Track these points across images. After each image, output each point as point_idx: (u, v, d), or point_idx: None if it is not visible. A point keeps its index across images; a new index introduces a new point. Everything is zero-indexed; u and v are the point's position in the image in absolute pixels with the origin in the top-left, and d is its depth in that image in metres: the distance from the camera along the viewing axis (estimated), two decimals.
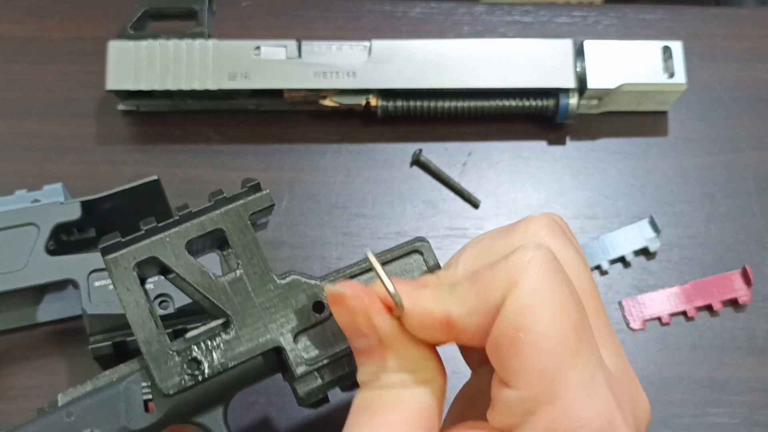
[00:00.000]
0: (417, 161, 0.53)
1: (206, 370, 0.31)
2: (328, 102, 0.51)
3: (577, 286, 0.27)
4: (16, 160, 0.52)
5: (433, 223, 0.51)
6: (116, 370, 0.32)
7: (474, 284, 0.27)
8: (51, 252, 0.44)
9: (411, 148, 0.53)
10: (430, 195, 0.52)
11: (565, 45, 0.52)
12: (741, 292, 0.49)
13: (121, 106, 0.52)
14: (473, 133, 0.54)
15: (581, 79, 0.51)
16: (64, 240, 0.45)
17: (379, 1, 0.57)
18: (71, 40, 0.55)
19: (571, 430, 0.25)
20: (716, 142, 0.54)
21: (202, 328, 0.32)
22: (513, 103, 0.52)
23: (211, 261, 0.40)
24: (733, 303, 0.49)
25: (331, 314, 0.32)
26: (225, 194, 0.33)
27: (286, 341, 0.32)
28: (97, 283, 0.43)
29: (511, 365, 0.26)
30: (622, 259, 0.50)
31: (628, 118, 0.54)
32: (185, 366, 0.31)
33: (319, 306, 0.33)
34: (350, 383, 0.33)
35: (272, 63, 0.50)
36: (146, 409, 0.32)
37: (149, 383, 0.32)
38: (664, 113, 0.55)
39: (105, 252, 0.31)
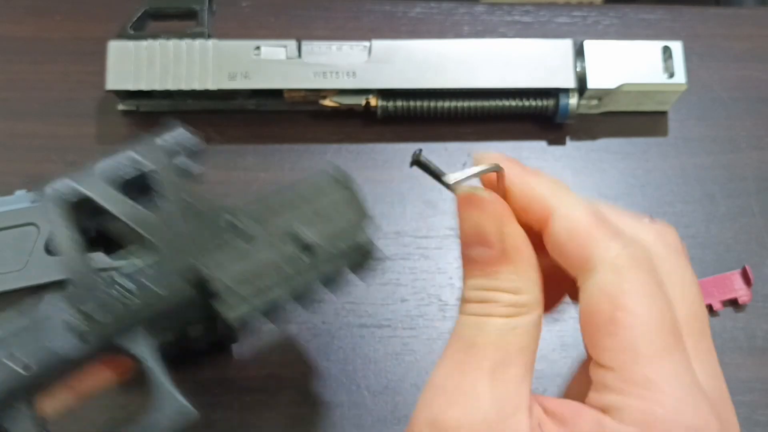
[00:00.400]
0: (417, 161, 0.52)
1: (130, 292, 0.32)
2: (328, 102, 0.51)
3: (689, 305, 0.28)
4: (16, 160, 0.52)
5: (433, 223, 0.51)
6: (41, 297, 0.33)
7: (595, 221, 0.28)
8: (50, 252, 0.44)
9: (411, 148, 0.53)
10: (430, 195, 0.52)
11: (565, 45, 0.52)
12: (741, 292, 0.49)
13: (121, 106, 0.52)
14: (473, 133, 0.54)
15: (581, 79, 0.51)
16: None
17: (379, 1, 0.57)
18: (71, 40, 0.55)
19: (665, 420, 0.24)
20: (716, 142, 0.54)
21: (129, 259, 0.34)
22: (513, 103, 0.52)
23: None
24: (733, 303, 0.49)
25: (252, 237, 0.33)
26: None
27: (209, 266, 0.33)
28: None
29: (605, 343, 0.26)
30: None
31: (628, 118, 0.54)
32: (112, 290, 0.32)
33: (233, 226, 0.34)
34: (277, 311, 0.34)
35: (272, 63, 0.50)
36: (76, 335, 0.32)
37: (76, 309, 0.32)
38: (664, 113, 0.55)
39: (45, 186, 0.34)
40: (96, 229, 0.47)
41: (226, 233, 0.33)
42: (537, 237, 0.29)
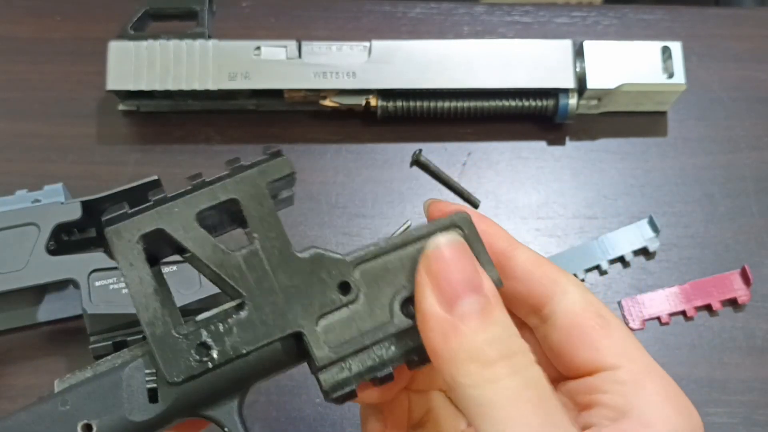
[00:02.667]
0: (417, 161, 0.53)
1: (216, 356, 0.28)
2: (328, 102, 0.51)
3: None
4: (16, 160, 0.52)
5: None
6: (119, 355, 0.29)
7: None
8: (51, 252, 0.44)
9: (411, 148, 0.53)
10: (430, 195, 0.52)
11: (565, 45, 0.52)
12: (740, 292, 0.49)
13: (121, 107, 0.52)
14: (473, 133, 0.54)
15: (581, 80, 0.51)
16: (64, 240, 0.45)
17: (379, 1, 0.57)
18: (71, 40, 0.55)
19: (679, 393, 0.29)
20: (715, 142, 0.54)
21: (215, 310, 0.29)
22: (513, 103, 0.52)
23: None
24: (733, 303, 0.49)
25: (358, 296, 0.29)
26: (242, 162, 0.29)
27: (307, 325, 0.29)
28: (97, 283, 0.43)
29: (604, 344, 0.28)
30: (621, 259, 0.50)
31: (628, 119, 0.54)
32: (193, 351, 0.28)
33: (345, 286, 0.29)
34: (381, 377, 0.29)
35: (272, 63, 0.50)
36: (150, 399, 0.28)
37: (153, 370, 0.28)
38: (663, 113, 0.55)
39: (108, 223, 0.28)
40: (96, 230, 0.47)
41: (328, 289, 0.29)
42: None
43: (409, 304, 0.29)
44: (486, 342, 0.26)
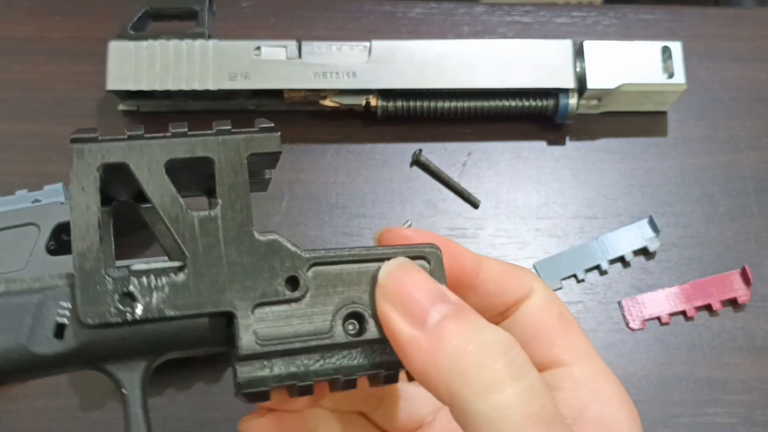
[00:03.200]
0: (417, 161, 0.53)
1: (138, 311, 0.26)
2: (328, 102, 0.51)
3: None
4: (16, 160, 0.52)
5: (433, 223, 0.51)
6: (39, 278, 0.27)
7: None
8: (52, 252, 0.44)
9: (411, 148, 0.53)
10: (430, 195, 0.52)
11: (565, 45, 0.52)
12: (740, 291, 0.49)
13: (121, 107, 0.52)
14: (473, 133, 0.54)
15: (581, 80, 0.51)
16: (64, 240, 0.45)
17: (379, 1, 0.57)
18: (71, 40, 0.55)
19: (629, 397, 0.30)
20: (715, 142, 0.54)
21: (153, 264, 0.27)
22: (513, 103, 0.52)
23: None
24: (733, 303, 0.49)
25: (303, 296, 0.27)
26: (231, 127, 0.28)
27: (242, 308, 0.27)
28: None
29: (562, 341, 0.29)
30: (621, 259, 0.50)
31: (628, 118, 0.54)
32: (117, 298, 0.26)
33: (293, 281, 0.27)
34: (300, 387, 0.27)
35: (272, 63, 0.50)
36: (56, 334, 0.26)
37: (69, 305, 0.26)
38: (663, 113, 0.55)
39: (75, 141, 0.26)
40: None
41: (276, 279, 0.27)
42: None
43: (351, 320, 0.28)
44: (476, 347, 0.24)
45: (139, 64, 0.49)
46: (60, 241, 0.45)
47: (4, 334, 0.26)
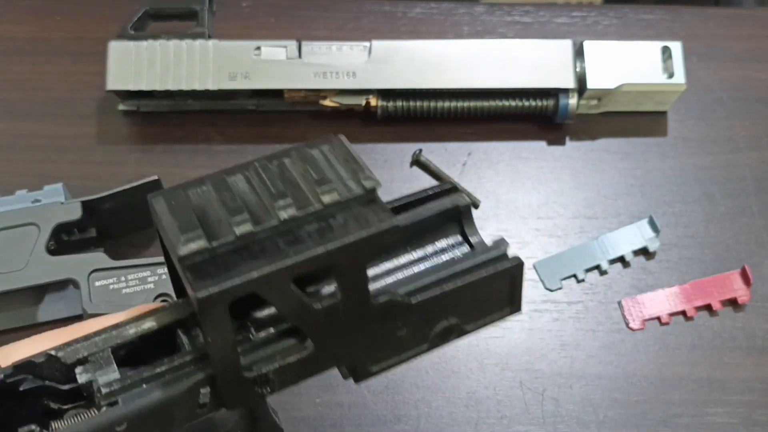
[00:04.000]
0: (417, 161, 0.53)
1: (272, 389, 0.28)
2: (328, 102, 0.51)
3: None
4: (16, 160, 0.52)
5: None
6: (171, 367, 0.27)
7: None
8: (52, 252, 0.44)
9: (411, 148, 0.53)
10: None
11: (565, 45, 0.52)
12: (740, 291, 0.49)
13: (121, 107, 0.52)
14: (473, 133, 0.54)
15: (581, 80, 0.51)
16: (64, 240, 0.45)
17: (379, 1, 0.58)
18: (72, 40, 0.55)
19: None
20: (715, 142, 0.54)
21: (274, 331, 0.28)
22: (513, 103, 0.52)
23: None
24: (733, 303, 0.49)
25: (408, 329, 0.30)
26: (337, 195, 0.27)
27: (357, 362, 0.30)
28: (97, 283, 0.43)
29: None
30: (621, 259, 0.50)
31: (628, 118, 0.54)
32: (256, 387, 0.28)
33: (399, 327, 0.30)
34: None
35: (272, 63, 0.50)
36: (200, 407, 0.28)
37: (210, 390, 0.28)
38: (663, 113, 0.55)
39: (190, 271, 0.24)
40: (96, 230, 0.47)
41: (391, 334, 0.30)
42: None
43: (444, 330, 0.31)
44: None
45: (139, 64, 0.49)
46: (60, 241, 0.45)
47: (160, 430, 0.27)
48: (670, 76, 0.51)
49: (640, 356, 0.48)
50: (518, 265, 0.31)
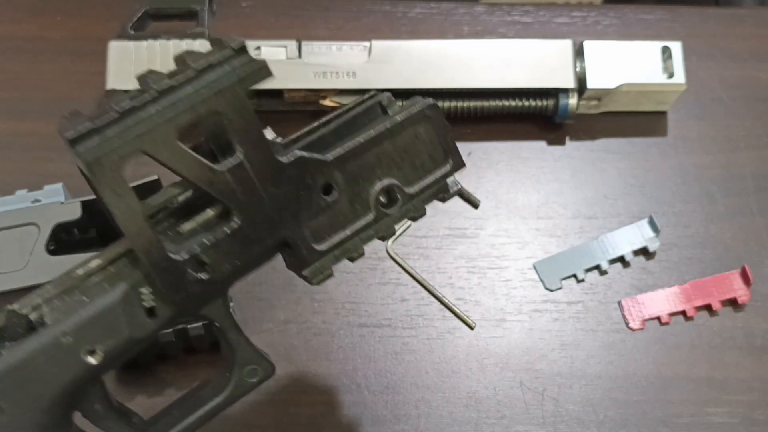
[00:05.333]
0: None
1: (210, 271, 0.29)
2: (328, 102, 0.51)
3: None
4: (16, 160, 0.52)
5: (432, 223, 0.51)
6: (102, 270, 0.29)
7: None
8: (51, 252, 0.44)
9: None
10: None
11: (565, 45, 0.52)
12: (740, 291, 0.49)
13: None
14: (473, 133, 0.54)
15: (581, 79, 0.51)
16: (64, 240, 0.45)
17: (379, 1, 0.57)
18: (71, 40, 0.55)
19: None
20: (715, 141, 0.54)
21: (200, 219, 0.29)
22: (512, 103, 0.52)
23: None
24: (732, 303, 0.49)
25: (340, 195, 0.30)
26: (209, 60, 0.29)
27: (294, 230, 0.30)
28: None
29: None
30: (621, 259, 0.50)
31: (628, 118, 0.54)
32: (190, 269, 0.29)
33: (327, 188, 0.31)
34: (356, 256, 0.32)
35: (272, 63, 0.49)
36: (149, 315, 0.29)
37: (150, 290, 0.29)
38: (663, 113, 0.55)
39: (76, 144, 0.26)
40: (96, 230, 0.47)
41: (314, 193, 0.30)
42: None
43: (383, 196, 0.32)
44: None
45: (139, 63, 0.49)
46: (60, 241, 0.45)
47: (109, 337, 0.28)
48: (670, 76, 0.51)
49: (640, 356, 0.48)
50: (431, 106, 0.32)
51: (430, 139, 0.32)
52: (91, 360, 0.28)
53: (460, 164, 0.33)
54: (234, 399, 0.33)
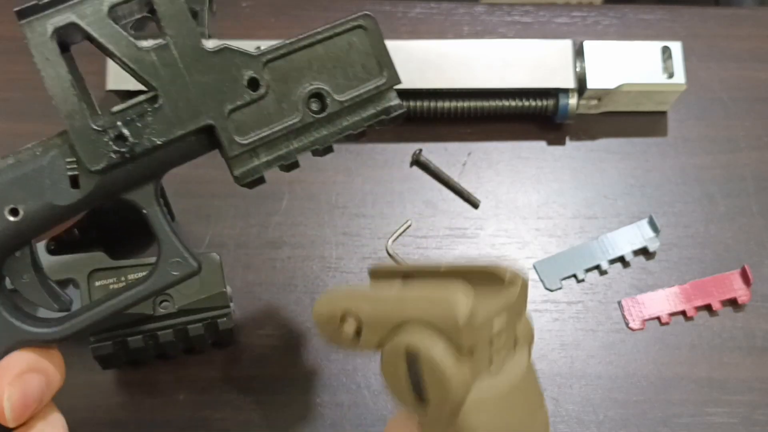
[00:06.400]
0: (417, 161, 0.53)
1: (133, 147, 0.30)
2: None
3: None
4: None
5: (432, 223, 0.51)
6: (40, 143, 0.31)
7: None
8: (52, 252, 0.44)
9: (411, 148, 0.53)
10: (430, 195, 0.52)
11: (565, 45, 0.52)
12: (740, 291, 0.49)
13: None
14: (473, 133, 0.54)
15: (581, 80, 0.51)
16: (64, 240, 0.45)
17: (379, 1, 0.58)
18: None
19: None
20: (715, 142, 0.54)
21: (129, 102, 0.31)
22: (513, 103, 0.52)
23: None
24: (732, 303, 0.49)
25: (267, 92, 0.31)
26: None
27: (218, 118, 0.31)
28: (97, 283, 0.43)
29: None
30: (621, 259, 0.50)
31: (628, 118, 0.54)
32: (111, 143, 0.30)
33: (254, 82, 0.31)
34: (288, 164, 0.33)
35: None
36: (72, 185, 0.31)
37: (74, 159, 0.31)
38: (663, 113, 0.55)
39: (21, 15, 0.30)
40: (96, 230, 0.47)
41: (239, 85, 0.31)
42: None
43: (314, 100, 0.32)
44: None
45: None
46: (60, 240, 0.45)
47: (32, 199, 0.30)
48: (670, 76, 0.51)
49: (640, 356, 0.48)
50: (366, 16, 0.33)
51: (365, 50, 0.33)
52: (11, 218, 0.30)
53: (395, 79, 0.34)
54: (155, 288, 0.33)
